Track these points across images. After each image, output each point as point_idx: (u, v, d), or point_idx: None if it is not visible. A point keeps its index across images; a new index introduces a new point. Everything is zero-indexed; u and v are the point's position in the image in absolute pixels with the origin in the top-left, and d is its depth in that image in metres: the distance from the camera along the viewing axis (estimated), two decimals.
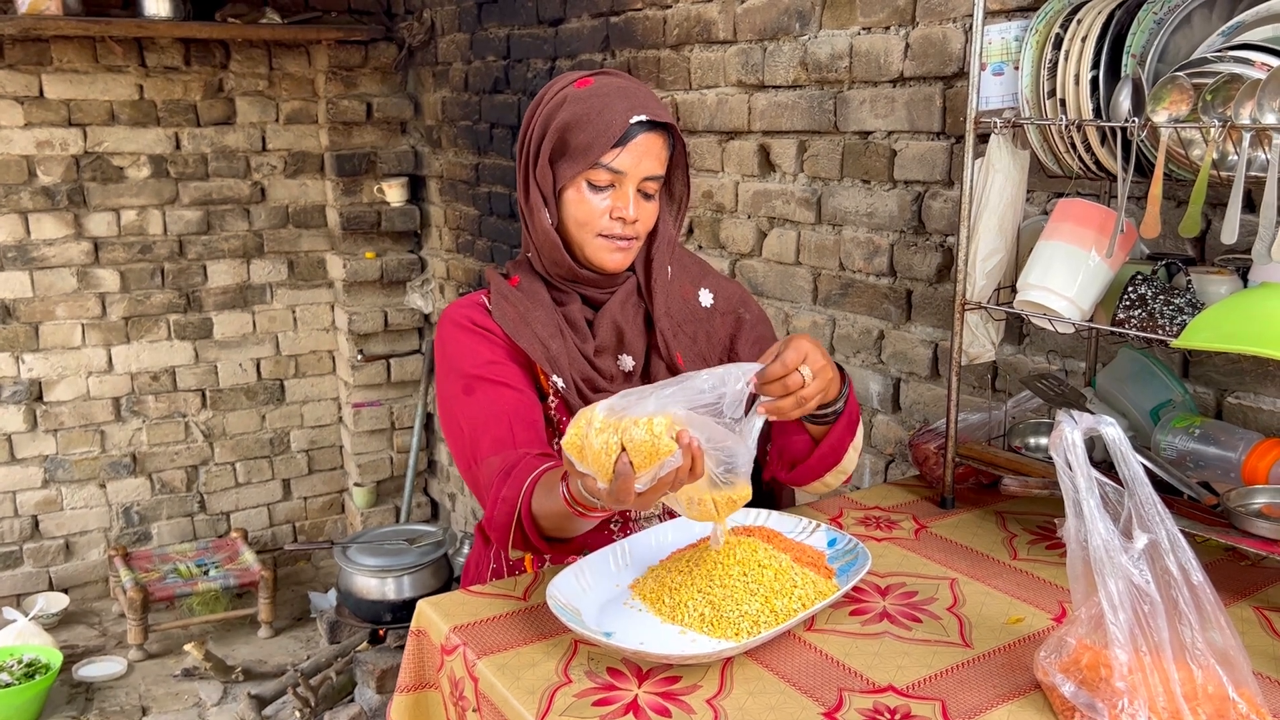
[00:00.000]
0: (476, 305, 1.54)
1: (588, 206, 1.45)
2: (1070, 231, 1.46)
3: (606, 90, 1.45)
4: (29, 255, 3.87)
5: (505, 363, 1.48)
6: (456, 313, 1.53)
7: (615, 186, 1.45)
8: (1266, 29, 1.30)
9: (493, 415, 1.43)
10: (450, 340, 1.51)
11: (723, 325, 1.63)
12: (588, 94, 1.45)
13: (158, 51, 3.93)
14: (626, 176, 1.44)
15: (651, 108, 1.45)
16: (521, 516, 1.32)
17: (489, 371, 1.46)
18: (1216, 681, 1.03)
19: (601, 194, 1.45)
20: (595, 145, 1.42)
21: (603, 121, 1.42)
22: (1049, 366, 1.90)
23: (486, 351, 1.49)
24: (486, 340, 1.50)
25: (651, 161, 1.45)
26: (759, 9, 2.45)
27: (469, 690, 1.22)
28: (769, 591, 1.24)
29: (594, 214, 1.45)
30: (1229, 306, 1.29)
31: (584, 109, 1.43)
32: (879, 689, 1.14)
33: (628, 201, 1.45)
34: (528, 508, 1.32)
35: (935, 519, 1.62)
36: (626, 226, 1.46)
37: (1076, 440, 1.07)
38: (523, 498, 1.32)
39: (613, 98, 1.44)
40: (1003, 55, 1.53)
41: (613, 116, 1.42)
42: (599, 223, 1.46)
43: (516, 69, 3.50)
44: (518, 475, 1.35)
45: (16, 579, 4.04)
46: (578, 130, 1.43)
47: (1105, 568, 1.04)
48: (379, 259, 4.33)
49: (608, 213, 1.45)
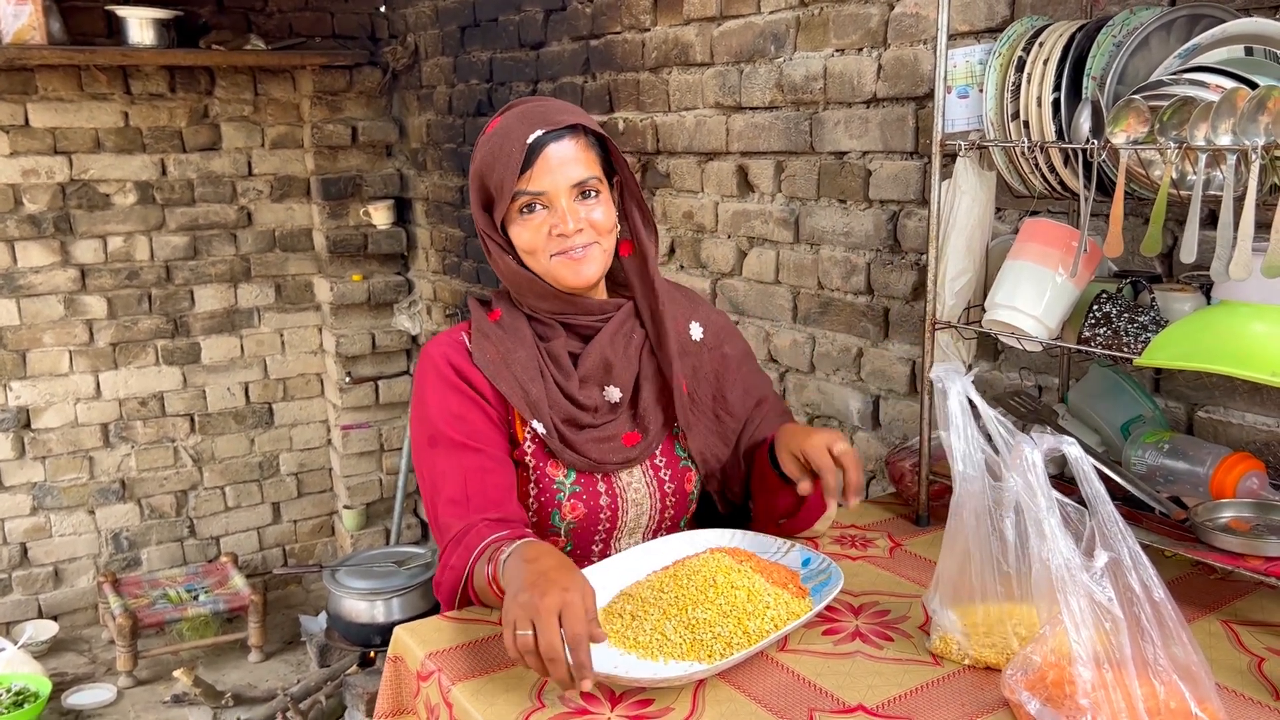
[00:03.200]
0: (458, 346, 1.52)
1: (528, 234, 1.45)
2: (1036, 251, 1.48)
3: (507, 124, 1.45)
4: (15, 283, 3.88)
5: (473, 419, 1.47)
6: (437, 353, 1.51)
7: (545, 206, 1.44)
8: (1221, 51, 1.32)
9: (451, 474, 1.43)
10: (425, 385, 1.50)
11: (710, 361, 1.62)
12: (493, 134, 1.46)
13: (143, 79, 3.95)
14: (548, 193, 1.43)
15: (550, 118, 1.44)
16: (467, 584, 1.37)
17: (455, 429, 1.45)
18: (1179, 697, 1.04)
19: (535, 216, 1.44)
20: (506, 179, 1.42)
21: (505, 154, 1.42)
22: (1022, 383, 1.92)
23: (456, 405, 1.47)
24: (458, 392, 1.48)
25: (572, 168, 1.43)
26: (735, 32, 2.48)
27: (444, 715, 1.22)
28: (741, 613, 1.25)
29: (537, 238, 1.45)
30: (1189, 324, 1.31)
31: (489, 150, 1.45)
32: (849, 709, 1.15)
33: (562, 215, 1.43)
34: (472, 576, 1.36)
35: (910, 536, 1.64)
36: (572, 236, 1.44)
37: (1036, 460, 1.09)
38: (469, 567, 1.36)
39: (512, 127, 1.44)
40: (967, 78, 1.55)
41: (512, 145, 1.42)
42: (545, 245, 1.45)
43: (499, 92, 3.52)
44: (467, 544, 1.38)
45: (5, 607, 4.03)
46: (490, 173, 1.44)
47: (1067, 586, 1.05)
48: (366, 281, 4.34)
49: (548, 233, 1.44)
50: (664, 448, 1.58)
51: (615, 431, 1.52)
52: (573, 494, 1.51)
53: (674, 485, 1.57)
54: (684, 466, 1.59)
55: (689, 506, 1.61)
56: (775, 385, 2.52)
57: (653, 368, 1.55)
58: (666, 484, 1.57)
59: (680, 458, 1.59)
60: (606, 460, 1.51)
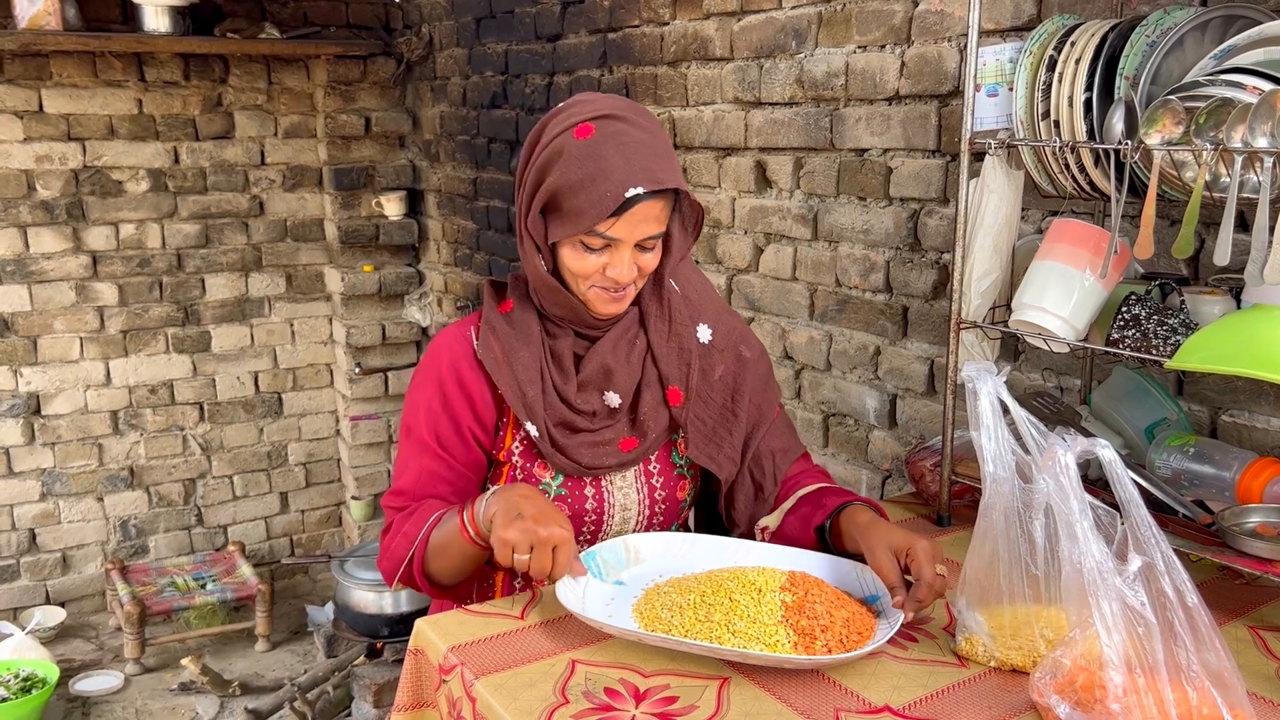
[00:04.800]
0: (464, 341, 1.52)
1: (582, 263, 1.41)
2: (1065, 252, 1.47)
3: (605, 150, 1.36)
4: (27, 269, 3.88)
5: (448, 426, 1.50)
6: (443, 349, 1.52)
7: (611, 248, 1.40)
8: (1258, 52, 1.31)
9: (411, 467, 1.51)
10: (423, 376, 1.53)
11: (723, 362, 1.59)
12: (584, 151, 1.36)
13: (157, 66, 3.95)
14: (623, 241, 1.39)
15: (654, 172, 1.36)
16: (417, 550, 1.43)
17: (428, 429, 1.50)
18: (1211, 703, 1.03)
19: (596, 254, 1.41)
20: (588, 214, 1.36)
21: (597, 192, 1.35)
22: (1045, 385, 1.91)
23: (440, 406, 1.50)
24: (446, 394, 1.50)
25: (650, 225, 1.40)
26: (755, 27, 2.47)
27: (466, 710, 1.22)
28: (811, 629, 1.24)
29: (588, 269, 1.42)
30: (1222, 327, 1.30)
31: (579, 173, 1.36)
32: (875, 709, 1.15)
33: (623, 265, 1.40)
34: (425, 543, 1.43)
35: (931, 537, 1.62)
36: (623, 282, 1.43)
37: (1069, 462, 1.08)
38: (424, 532, 1.43)
39: (611, 160, 1.35)
40: (997, 76, 1.54)
41: (607, 187, 1.34)
42: (594, 278, 1.43)
43: (514, 84, 3.51)
44: (419, 516, 1.46)
45: (13, 593, 4.04)
46: (571, 195, 1.37)
47: (1099, 590, 1.05)
48: (377, 272, 4.34)
49: (602, 269, 1.41)
50: (660, 454, 1.57)
51: (612, 436, 1.52)
52: (558, 497, 1.51)
53: (665, 492, 1.57)
54: (679, 475, 1.59)
55: (680, 514, 1.61)
56: (791, 383, 2.52)
57: (655, 373, 1.54)
58: (658, 490, 1.56)
59: (676, 465, 1.59)
60: (600, 464, 1.51)
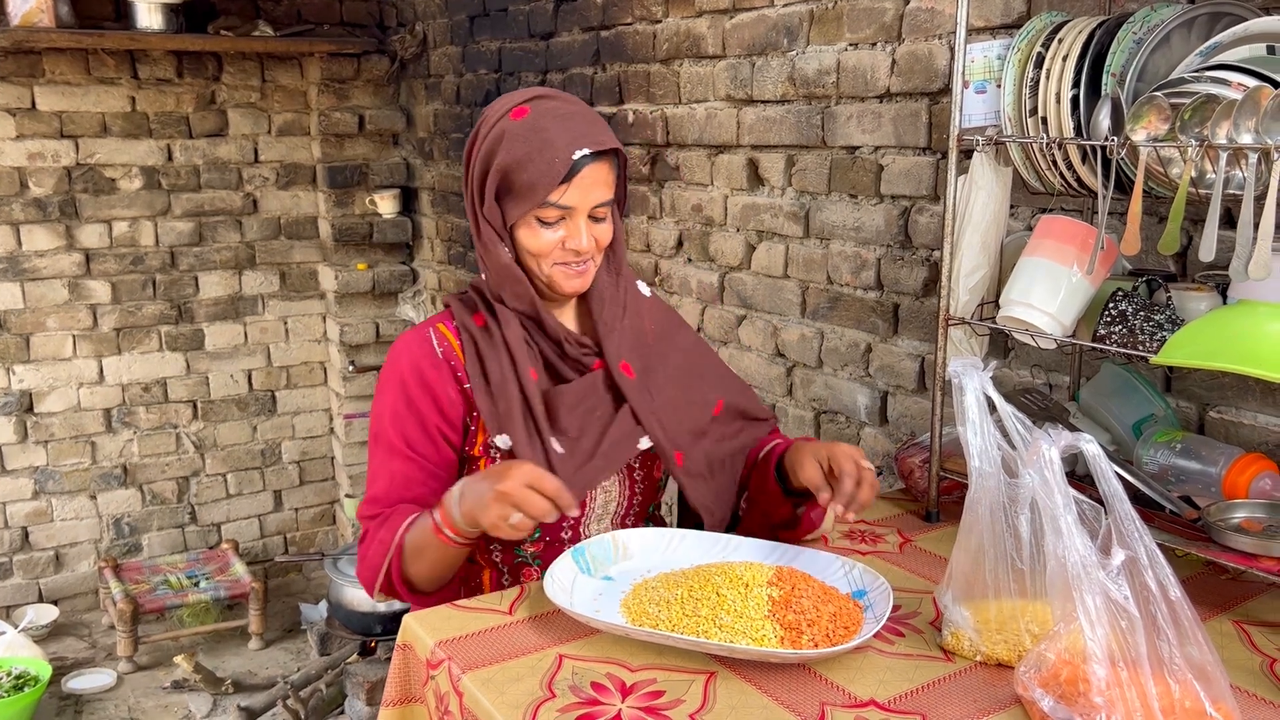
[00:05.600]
0: (424, 342, 1.52)
1: (540, 240, 1.44)
2: (1052, 248, 1.47)
3: (544, 122, 1.42)
4: (20, 267, 3.87)
5: (415, 428, 1.49)
6: (404, 354, 1.51)
7: (566, 219, 1.44)
8: (1243, 49, 1.32)
9: (381, 474, 1.50)
10: (385, 382, 1.52)
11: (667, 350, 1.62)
12: (525, 128, 1.42)
13: (150, 64, 3.94)
14: (575, 209, 1.43)
15: (595, 135, 1.43)
16: (395, 556, 1.43)
17: (396, 433, 1.49)
18: (1194, 696, 1.03)
19: (552, 227, 1.44)
20: (540, 185, 1.40)
21: (544, 160, 1.40)
22: (1033, 381, 1.92)
23: (405, 409, 1.49)
24: (411, 397, 1.49)
25: (600, 189, 1.44)
26: (747, 25, 2.47)
27: (454, 705, 1.22)
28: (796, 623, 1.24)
29: (547, 246, 1.45)
30: (1207, 323, 1.30)
31: (524, 147, 1.41)
32: (861, 703, 1.15)
33: (580, 233, 1.44)
34: (400, 548, 1.43)
35: (920, 532, 1.63)
36: (584, 254, 1.46)
37: (1054, 457, 1.08)
38: (399, 537, 1.43)
39: (552, 131, 1.41)
40: (985, 73, 1.54)
41: (554, 154, 1.40)
42: (554, 254, 1.46)
43: (508, 82, 3.51)
44: (392, 523, 1.46)
45: (6, 591, 4.03)
46: (520, 170, 1.41)
47: (1083, 583, 1.05)
48: (371, 270, 4.34)
49: (560, 243, 1.45)
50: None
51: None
52: None
53: (643, 472, 1.59)
54: (652, 453, 1.60)
55: (657, 494, 1.65)
56: (783, 380, 2.52)
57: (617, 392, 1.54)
58: (636, 470, 1.59)
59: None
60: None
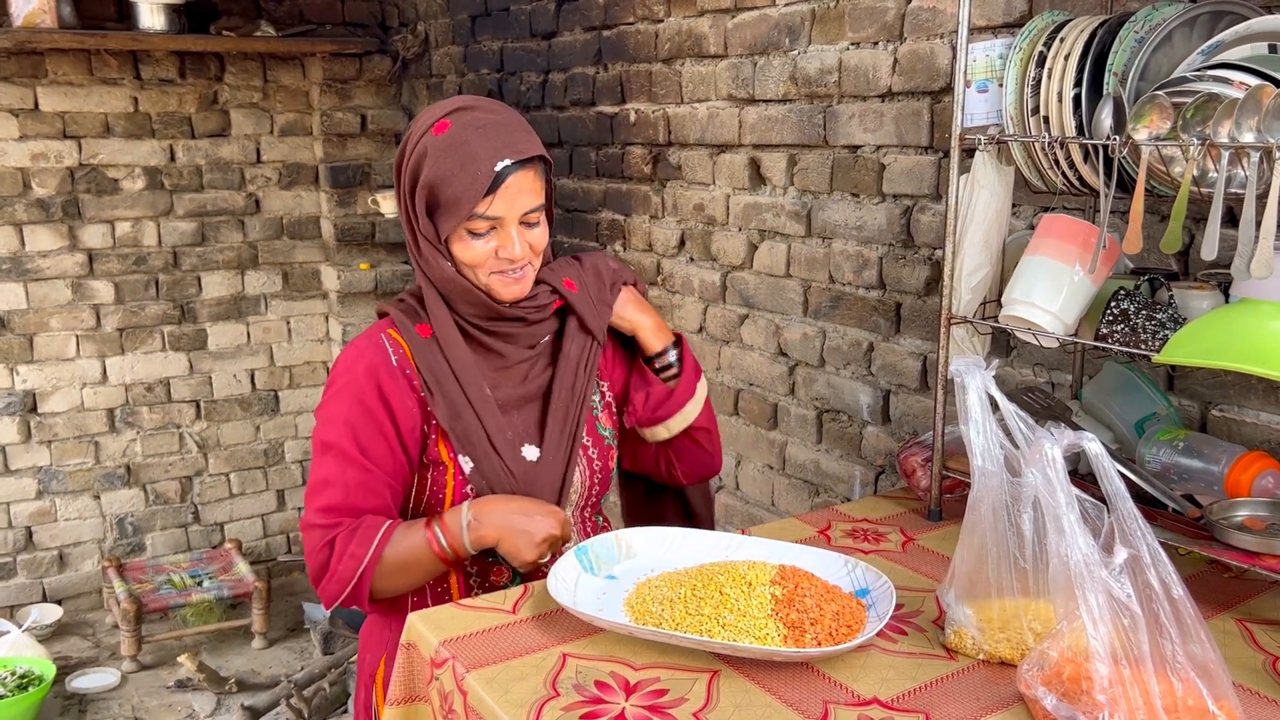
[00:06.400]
0: (379, 349, 1.50)
1: (473, 251, 1.46)
2: (1054, 247, 1.47)
3: (465, 136, 1.43)
4: (23, 267, 3.88)
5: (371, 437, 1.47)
6: (358, 361, 1.50)
7: (496, 228, 1.45)
8: (1245, 48, 1.32)
9: (335, 483, 1.46)
10: (336, 391, 1.49)
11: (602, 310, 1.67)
12: (446, 143, 1.43)
13: (152, 64, 3.95)
14: (503, 218, 1.44)
15: (517, 144, 1.44)
16: (365, 572, 1.42)
17: (349, 442, 1.46)
18: (1196, 694, 1.04)
19: (483, 238, 1.45)
20: (465, 198, 1.41)
21: (468, 175, 1.41)
22: (1036, 380, 1.92)
23: (359, 418, 1.46)
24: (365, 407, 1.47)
25: (527, 197, 1.45)
26: (749, 24, 2.47)
27: (458, 703, 1.22)
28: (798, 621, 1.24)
29: (481, 256, 1.46)
30: (1210, 322, 1.30)
31: (447, 163, 1.42)
32: (864, 701, 1.15)
33: (511, 241, 1.45)
34: (376, 562, 1.43)
35: (923, 531, 1.64)
36: (517, 261, 1.47)
37: (1056, 456, 1.09)
38: (373, 550, 1.43)
39: (474, 144, 1.42)
40: (987, 73, 1.55)
41: (477, 167, 1.41)
42: (488, 263, 1.47)
43: (510, 82, 3.51)
44: (363, 532, 1.44)
45: (10, 590, 4.04)
46: (445, 185, 1.43)
47: (1085, 582, 1.05)
48: (373, 270, 4.34)
49: (494, 252, 1.46)
50: (588, 427, 1.62)
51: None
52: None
53: (600, 463, 1.63)
54: (608, 445, 1.66)
55: (611, 481, 1.70)
56: (785, 379, 2.52)
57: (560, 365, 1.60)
58: (595, 462, 1.63)
59: (603, 436, 1.65)
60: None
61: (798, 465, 2.51)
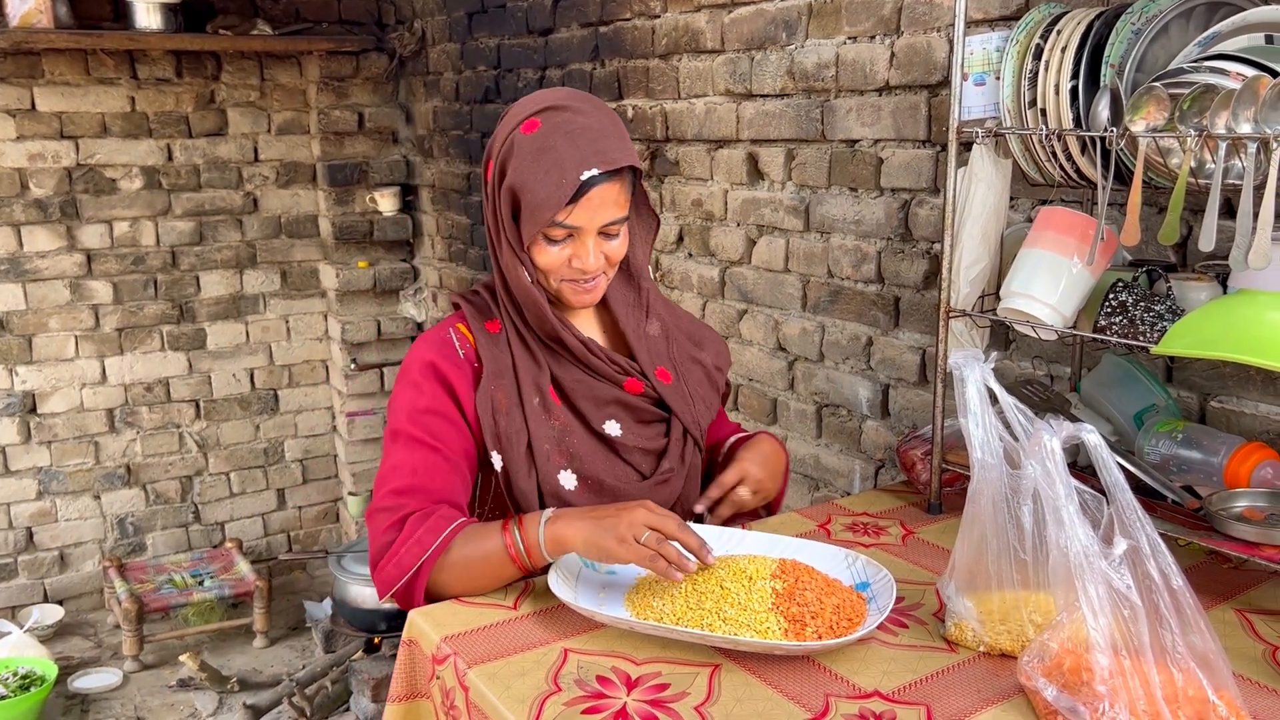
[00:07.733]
0: (445, 344, 1.51)
1: (548, 257, 1.42)
2: (1052, 239, 1.47)
3: (553, 141, 1.38)
4: (21, 267, 3.88)
5: (437, 419, 1.46)
6: (424, 354, 1.49)
7: (574, 236, 1.41)
8: (1241, 39, 1.32)
9: (403, 467, 1.44)
10: (403, 381, 1.50)
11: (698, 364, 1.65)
12: (534, 146, 1.38)
13: (149, 63, 3.94)
14: (583, 228, 1.40)
15: (607, 153, 1.38)
16: (426, 563, 1.36)
17: (416, 426, 1.45)
18: (1197, 684, 1.04)
19: (559, 244, 1.42)
20: (546, 206, 1.37)
21: (551, 182, 1.36)
22: (1035, 372, 1.92)
23: (424, 403, 1.46)
24: (430, 393, 1.46)
25: (609, 209, 1.41)
26: (746, 19, 2.47)
27: (460, 699, 1.23)
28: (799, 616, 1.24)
29: (555, 263, 1.43)
30: (1207, 313, 1.30)
31: (532, 169, 1.38)
32: (865, 694, 1.15)
33: (587, 251, 1.41)
34: (441, 553, 1.36)
35: (923, 524, 1.64)
36: (591, 272, 1.44)
37: (1055, 448, 1.09)
38: (441, 541, 1.36)
39: (561, 149, 1.37)
40: (984, 65, 1.54)
41: (561, 175, 1.36)
42: (562, 271, 1.44)
43: (507, 78, 3.51)
44: (435, 521, 1.39)
45: (11, 591, 4.04)
46: (527, 192, 1.38)
47: (1085, 573, 1.06)
48: (372, 268, 4.34)
49: (568, 260, 1.43)
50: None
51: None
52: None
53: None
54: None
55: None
56: (784, 374, 2.52)
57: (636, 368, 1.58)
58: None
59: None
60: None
61: (797, 460, 2.51)
